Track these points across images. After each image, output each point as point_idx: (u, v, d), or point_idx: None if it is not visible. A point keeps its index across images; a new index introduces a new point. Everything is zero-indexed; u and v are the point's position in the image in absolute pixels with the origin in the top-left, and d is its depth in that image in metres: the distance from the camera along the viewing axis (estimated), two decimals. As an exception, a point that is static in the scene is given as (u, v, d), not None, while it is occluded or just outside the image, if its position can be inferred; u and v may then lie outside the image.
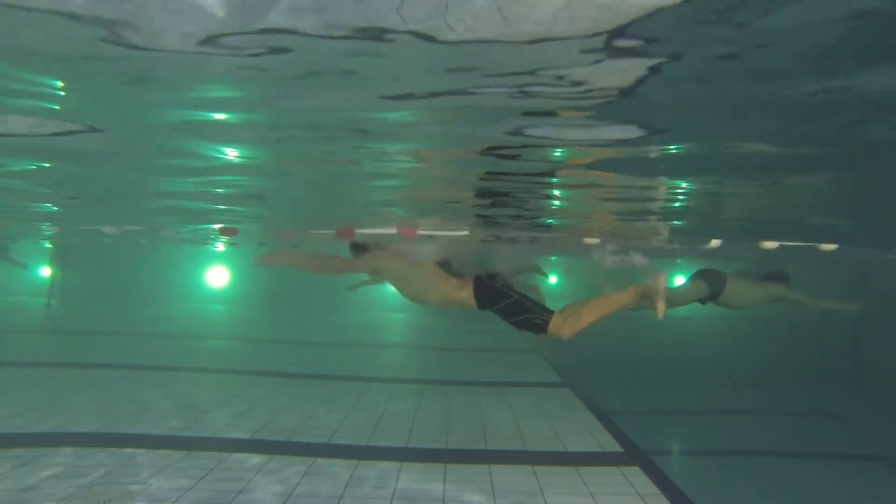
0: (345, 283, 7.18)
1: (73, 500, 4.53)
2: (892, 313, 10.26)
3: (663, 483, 5.31)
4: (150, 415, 7.05)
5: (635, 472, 5.58)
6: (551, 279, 23.04)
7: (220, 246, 16.93)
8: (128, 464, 5.36)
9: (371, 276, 6.20)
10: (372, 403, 8.09)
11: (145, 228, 11.05)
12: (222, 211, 7.50)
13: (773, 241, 9.28)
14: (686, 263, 12.91)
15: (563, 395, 8.99)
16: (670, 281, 11.61)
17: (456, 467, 5.63)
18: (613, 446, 6.44)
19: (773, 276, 7.60)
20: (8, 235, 14.41)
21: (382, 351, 14.67)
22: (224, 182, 5.29)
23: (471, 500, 4.86)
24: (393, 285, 5.68)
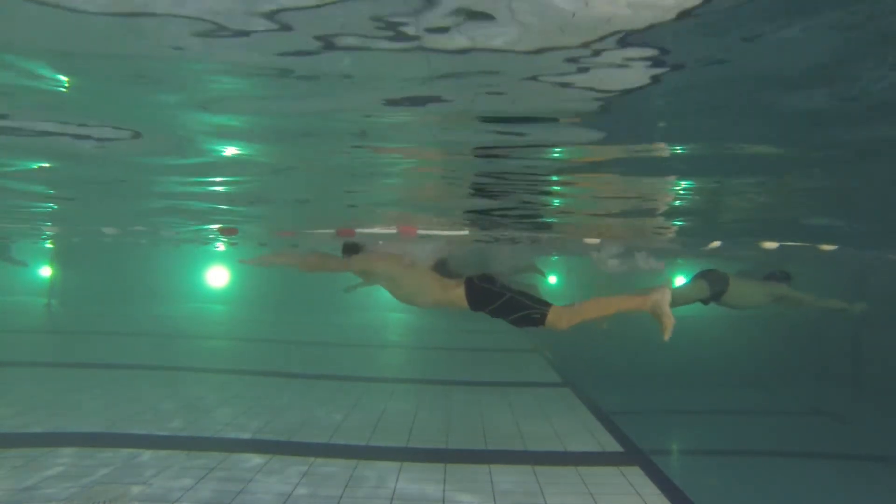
0: (343, 284, 7.16)
1: (75, 500, 4.53)
2: (892, 313, 10.26)
3: (663, 483, 5.31)
4: (150, 415, 7.05)
5: (635, 472, 5.58)
6: (551, 279, 23.04)
7: (221, 246, 16.94)
8: (128, 464, 5.36)
9: (362, 279, 6.13)
10: (372, 403, 8.09)
11: (147, 228, 11.05)
12: (222, 211, 7.50)
13: (774, 242, 9.28)
14: (686, 263, 12.91)
15: (563, 395, 8.98)
16: (672, 282, 11.62)
17: (456, 467, 5.63)
18: (613, 446, 6.43)
19: (775, 276, 7.59)
20: (8, 236, 14.42)
21: (382, 351, 14.67)
22: (223, 181, 5.29)
23: (471, 501, 4.87)
24: (384, 287, 5.60)
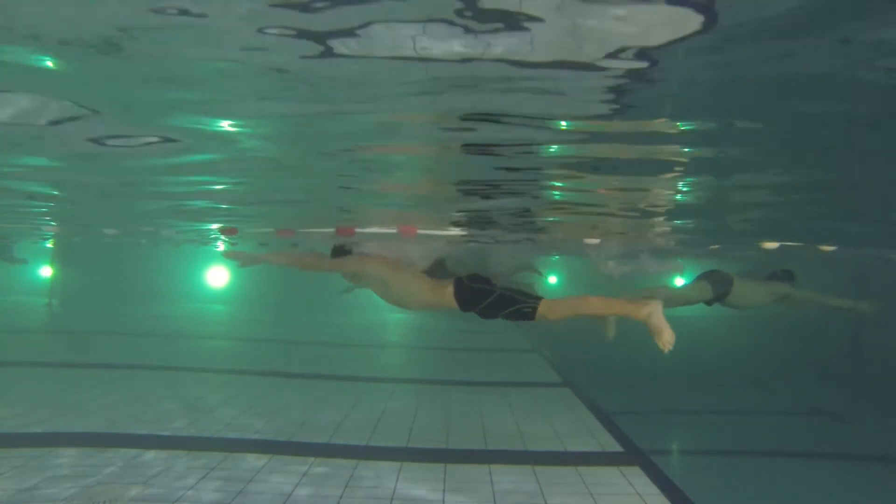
0: (342, 285, 7.15)
1: (75, 500, 4.53)
2: (892, 313, 10.25)
3: (663, 483, 5.31)
4: (150, 415, 7.05)
5: (635, 472, 5.58)
6: (551, 279, 23.03)
7: (221, 245, 16.93)
8: (129, 464, 5.36)
9: (351, 281, 6.09)
10: (372, 403, 8.09)
11: (148, 228, 11.05)
12: (222, 210, 7.49)
13: (774, 242, 9.27)
14: (686, 263, 12.89)
15: (563, 395, 8.98)
16: (672, 283, 11.60)
17: (456, 467, 5.63)
18: (613, 446, 6.43)
19: (778, 276, 7.58)
20: (9, 236, 14.42)
21: (382, 351, 14.67)
22: (223, 181, 5.28)
23: (471, 501, 4.87)
24: (374, 290, 5.58)
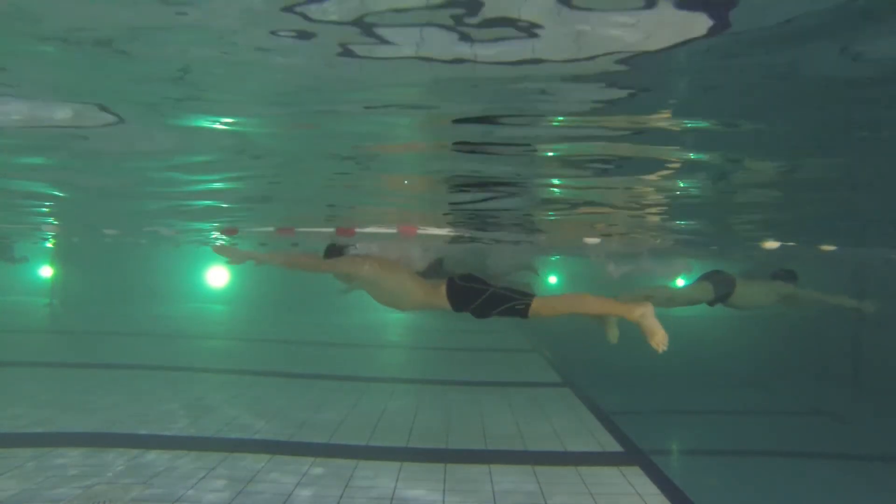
0: (340, 285, 7.14)
1: (75, 500, 4.54)
2: (892, 313, 10.24)
3: (663, 483, 5.31)
4: (150, 415, 7.05)
5: (635, 472, 5.58)
6: (551, 279, 23.02)
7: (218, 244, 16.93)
8: (129, 464, 5.37)
9: (344, 282, 6.08)
10: (372, 403, 8.09)
11: (152, 229, 11.06)
12: (222, 210, 7.50)
13: (775, 242, 9.27)
14: (693, 263, 12.90)
15: (563, 395, 8.98)
16: (673, 283, 11.59)
17: (456, 467, 5.63)
18: (613, 446, 6.43)
19: (780, 276, 7.54)
20: (9, 236, 14.42)
21: (382, 351, 14.66)
22: (222, 180, 5.29)
23: (471, 501, 4.87)
24: (367, 291, 5.58)
